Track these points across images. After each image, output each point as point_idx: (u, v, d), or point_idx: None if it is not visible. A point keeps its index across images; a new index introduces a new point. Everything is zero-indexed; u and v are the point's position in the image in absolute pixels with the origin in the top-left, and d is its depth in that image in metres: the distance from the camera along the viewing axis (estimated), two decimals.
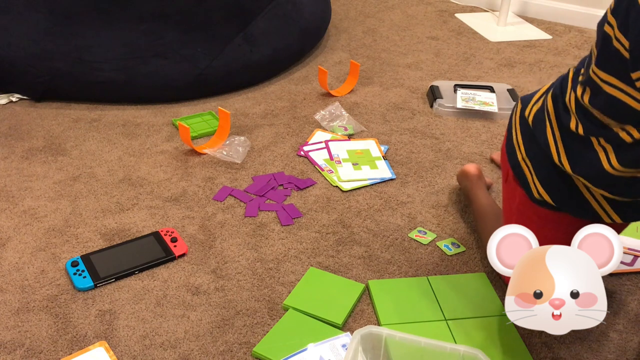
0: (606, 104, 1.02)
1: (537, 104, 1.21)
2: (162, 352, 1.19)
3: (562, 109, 1.13)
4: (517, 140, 1.24)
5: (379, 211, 1.61)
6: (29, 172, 1.72)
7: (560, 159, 1.13)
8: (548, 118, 1.16)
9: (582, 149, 1.09)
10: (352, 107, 2.11)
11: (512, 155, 1.25)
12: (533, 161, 1.19)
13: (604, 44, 1.00)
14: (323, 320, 1.27)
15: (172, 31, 2.05)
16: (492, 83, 2.25)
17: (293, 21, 2.31)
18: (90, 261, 1.39)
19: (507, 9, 2.85)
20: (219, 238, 1.49)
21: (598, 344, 1.25)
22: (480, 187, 1.59)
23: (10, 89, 2.08)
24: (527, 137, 1.21)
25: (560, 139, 1.13)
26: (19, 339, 1.21)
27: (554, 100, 1.15)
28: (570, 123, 1.10)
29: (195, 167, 1.76)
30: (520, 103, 1.28)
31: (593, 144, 1.07)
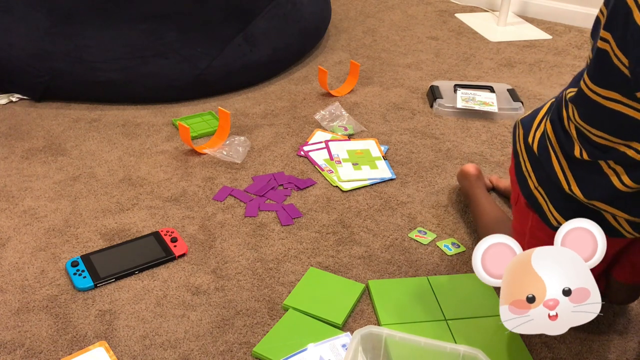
0: (608, 120, 1.00)
1: (539, 130, 1.18)
2: (162, 352, 1.19)
3: (563, 136, 1.11)
4: (526, 169, 1.21)
5: (379, 211, 1.61)
6: (29, 172, 1.72)
7: (571, 188, 1.11)
8: (551, 146, 1.14)
9: (591, 175, 1.07)
10: (352, 107, 2.11)
11: (523, 184, 1.23)
12: (546, 189, 1.17)
13: (601, 60, 0.97)
14: (323, 320, 1.27)
15: (172, 31, 2.05)
16: (492, 83, 2.25)
17: (293, 21, 2.31)
18: (90, 261, 1.39)
19: (507, 9, 2.85)
20: (219, 238, 1.49)
21: (598, 344, 1.25)
22: (479, 187, 1.59)
23: (10, 89, 2.08)
24: (536, 165, 1.19)
25: (567, 168, 1.11)
26: (19, 339, 1.21)
27: (553, 127, 1.13)
28: (574, 150, 1.08)
29: (195, 167, 1.76)
30: (521, 127, 1.24)
31: (602, 168, 1.05)
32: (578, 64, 2.51)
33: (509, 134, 1.98)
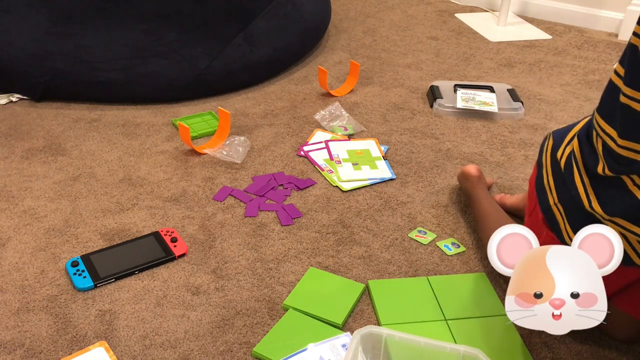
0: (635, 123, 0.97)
1: (570, 146, 1.17)
2: (162, 352, 1.19)
3: (588, 153, 1.10)
4: (548, 183, 1.20)
5: (379, 211, 1.61)
6: (29, 172, 1.72)
7: (591, 205, 1.10)
8: (575, 163, 1.13)
9: (614, 192, 1.06)
10: (352, 107, 2.11)
11: (542, 197, 1.21)
12: (565, 207, 1.16)
13: (634, 57, 0.95)
14: (323, 320, 1.27)
15: (172, 31, 2.05)
16: (492, 83, 2.25)
17: (293, 21, 2.31)
18: (90, 261, 1.39)
19: (507, 9, 2.85)
20: (219, 238, 1.49)
21: (598, 344, 1.25)
22: (480, 188, 1.59)
23: (10, 89, 2.08)
24: (559, 181, 1.18)
25: (589, 185, 1.10)
26: (19, 339, 1.21)
27: (580, 143, 1.12)
28: (598, 167, 1.07)
29: (195, 167, 1.76)
30: (551, 139, 1.23)
31: (627, 185, 1.04)
32: (578, 64, 2.51)
33: (509, 133, 1.98)
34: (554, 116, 2.10)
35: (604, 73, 2.44)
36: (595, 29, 2.88)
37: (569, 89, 2.30)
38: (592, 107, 2.16)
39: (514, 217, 1.59)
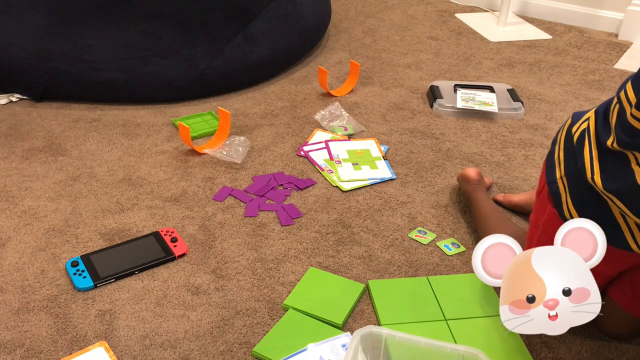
0: None
1: (585, 123, 1.17)
2: (162, 352, 1.19)
3: (601, 125, 1.10)
4: (558, 157, 1.21)
5: (379, 211, 1.61)
6: (29, 172, 1.72)
7: (593, 176, 1.10)
8: (588, 134, 1.13)
9: (617, 167, 1.06)
10: (352, 107, 2.11)
11: (550, 170, 1.22)
12: (569, 180, 1.17)
13: None
14: (323, 320, 1.27)
15: (172, 31, 2.05)
16: (492, 83, 2.25)
17: (293, 21, 2.31)
18: (90, 261, 1.39)
19: (507, 9, 2.85)
20: (219, 238, 1.49)
21: (598, 344, 1.25)
22: (480, 191, 1.59)
23: (10, 89, 2.07)
24: (569, 155, 1.18)
25: (597, 157, 1.10)
26: (19, 339, 1.21)
27: (596, 116, 1.13)
28: (608, 140, 1.07)
29: (195, 167, 1.76)
30: (570, 118, 1.24)
31: (630, 163, 1.04)
32: (578, 64, 2.51)
33: (509, 133, 1.98)
34: (554, 116, 2.10)
35: (604, 73, 2.44)
36: (595, 29, 2.88)
37: (569, 89, 2.30)
38: (592, 107, 2.16)
39: (518, 216, 1.60)
